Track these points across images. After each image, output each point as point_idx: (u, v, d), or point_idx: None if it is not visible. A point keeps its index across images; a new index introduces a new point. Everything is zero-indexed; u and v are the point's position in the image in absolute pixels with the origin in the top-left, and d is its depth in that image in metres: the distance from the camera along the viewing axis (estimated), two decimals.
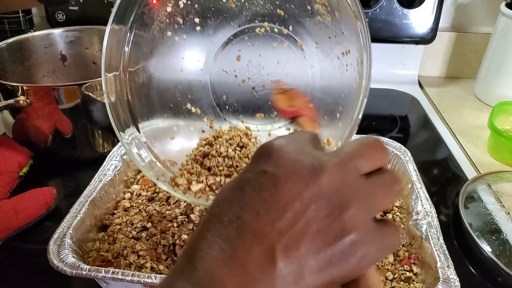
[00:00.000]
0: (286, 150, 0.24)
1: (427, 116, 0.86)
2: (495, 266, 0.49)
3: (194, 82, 0.51)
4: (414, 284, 0.43)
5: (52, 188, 0.58)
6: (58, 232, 0.44)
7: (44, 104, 0.61)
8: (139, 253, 0.46)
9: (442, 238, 0.44)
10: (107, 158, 0.56)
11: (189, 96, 0.51)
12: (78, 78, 0.80)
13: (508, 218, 0.56)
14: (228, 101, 0.52)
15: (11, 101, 0.60)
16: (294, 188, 0.23)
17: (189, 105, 0.51)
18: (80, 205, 0.48)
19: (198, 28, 0.48)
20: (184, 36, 0.49)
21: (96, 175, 0.53)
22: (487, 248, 0.51)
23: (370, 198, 0.24)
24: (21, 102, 0.60)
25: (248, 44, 0.50)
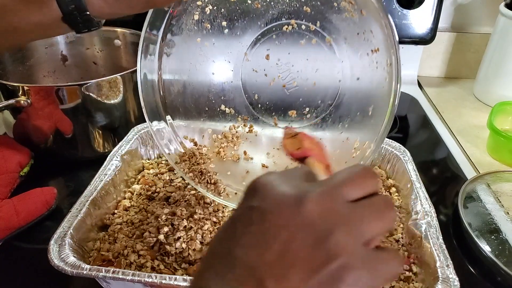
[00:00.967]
0: (272, 185, 0.25)
1: (427, 116, 0.86)
2: (494, 266, 0.49)
3: (226, 83, 0.53)
4: (413, 283, 0.44)
5: (52, 188, 0.58)
6: (59, 232, 0.44)
7: (44, 104, 0.61)
8: (140, 252, 0.46)
9: (442, 237, 0.45)
10: (107, 158, 0.56)
11: (222, 97, 0.53)
12: (78, 78, 0.80)
13: (507, 217, 0.56)
14: (260, 99, 0.53)
15: (11, 101, 0.60)
16: (280, 219, 0.23)
17: (223, 106, 0.53)
18: (81, 204, 0.48)
19: (226, 31, 0.49)
20: (213, 40, 0.50)
21: (96, 175, 0.53)
22: (486, 248, 0.51)
23: (358, 223, 0.24)
24: (21, 102, 0.60)
25: (276, 42, 0.50)
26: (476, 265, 0.51)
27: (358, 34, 0.47)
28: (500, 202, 0.58)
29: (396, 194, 0.56)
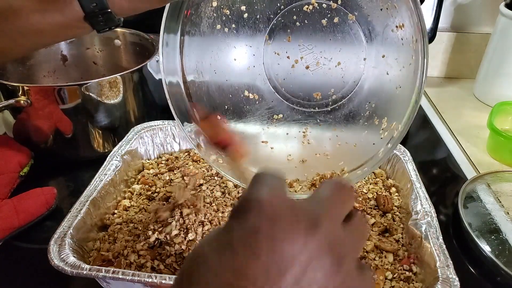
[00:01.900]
0: (277, 203, 0.22)
1: (427, 116, 0.86)
2: (494, 266, 0.49)
3: (248, 69, 0.52)
4: (413, 283, 0.44)
5: (52, 187, 0.58)
6: (59, 232, 0.44)
7: (44, 104, 0.61)
8: (140, 252, 0.46)
9: (442, 237, 0.45)
10: (107, 158, 0.56)
11: (245, 83, 0.52)
12: (78, 78, 0.80)
13: (507, 217, 0.56)
14: (284, 83, 0.52)
15: (11, 101, 0.60)
16: (292, 248, 0.21)
17: (246, 92, 0.52)
18: (81, 204, 0.48)
19: (246, 15, 0.49)
20: (233, 25, 0.49)
21: (96, 175, 0.53)
22: (486, 248, 0.51)
23: (358, 247, 0.24)
24: (21, 102, 0.60)
25: (297, 23, 0.49)
26: (476, 265, 0.51)
27: (381, 10, 0.46)
28: (500, 202, 0.58)
29: (396, 194, 0.56)
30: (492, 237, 0.53)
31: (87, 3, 0.37)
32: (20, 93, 0.60)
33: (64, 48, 0.79)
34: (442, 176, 0.68)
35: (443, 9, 0.87)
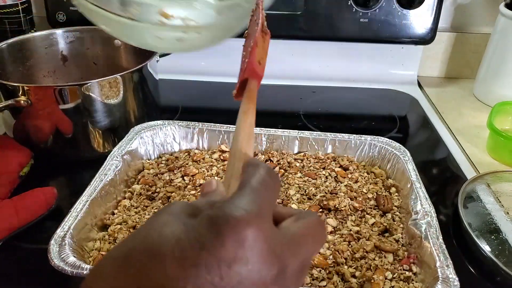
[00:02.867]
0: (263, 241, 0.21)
1: (427, 116, 0.86)
2: (494, 266, 0.49)
3: None
4: (413, 283, 0.44)
5: (52, 187, 0.58)
6: (59, 232, 0.44)
7: (44, 104, 0.61)
8: None
9: (442, 237, 0.45)
10: (107, 158, 0.56)
11: None
12: (78, 78, 0.80)
13: (507, 217, 0.56)
14: None
15: (11, 101, 0.60)
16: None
17: None
18: (81, 204, 0.48)
19: None
20: None
21: (96, 175, 0.53)
22: (486, 248, 0.51)
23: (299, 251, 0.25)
24: (21, 102, 0.60)
25: None
26: (476, 265, 0.51)
27: None
28: (500, 202, 0.58)
29: (396, 194, 0.56)
30: (492, 237, 0.53)
31: None
32: (20, 93, 0.60)
33: (64, 48, 0.79)
34: (442, 176, 0.68)
35: (443, 9, 0.87)
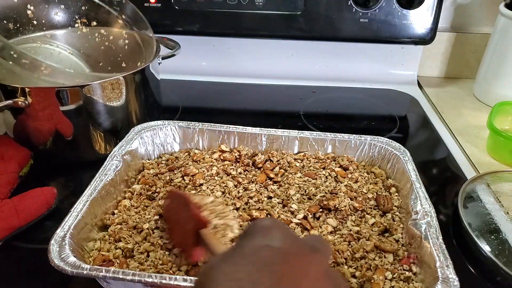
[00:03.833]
0: (285, 229, 0.28)
1: (427, 116, 0.86)
2: (494, 266, 0.49)
3: None
4: (413, 283, 0.44)
5: (52, 187, 0.58)
6: (59, 232, 0.44)
7: (45, 105, 0.61)
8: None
9: (442, 237, 0.45)
10: (107, 158, 0.56)
11: None
12: None
13: (507, 217, 0.56)
14: None
15: (9, 101, 0.59)
16: (301, 263, 0.26)
17: None
18: (81, 204, 0.48)
19: None
20: None
21: (96, 175, 0.53)
22: (486, 248, 0.51)
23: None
24: (19, 103, 0.60)
25: None
26: (476, 265, 0.51)
27: None
28: (500, 202, 0.58)
29: (396, 194, 0.56)
30: (492, 237, 0.53)
31: None
32: (20, 94, 0.60)
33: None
34: (442, 176, 0.68)
35: (443, 9, 0.87)
